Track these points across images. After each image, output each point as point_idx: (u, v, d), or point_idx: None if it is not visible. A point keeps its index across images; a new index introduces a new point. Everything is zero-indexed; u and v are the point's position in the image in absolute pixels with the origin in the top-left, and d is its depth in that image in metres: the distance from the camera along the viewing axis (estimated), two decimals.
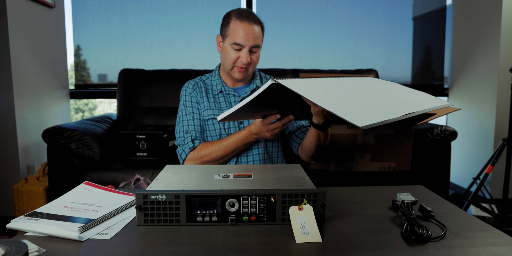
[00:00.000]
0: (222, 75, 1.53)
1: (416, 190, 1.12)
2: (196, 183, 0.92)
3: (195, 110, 1.49)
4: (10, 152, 2.18)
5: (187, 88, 1.52)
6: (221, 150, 1.38)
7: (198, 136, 1.45)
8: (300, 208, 0.82)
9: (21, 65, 2.22)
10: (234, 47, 1.38)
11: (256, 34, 1.38)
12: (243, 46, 1.37)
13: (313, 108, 1.10)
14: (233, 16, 1.40)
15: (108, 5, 2.87)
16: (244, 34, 1.36)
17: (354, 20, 3.05)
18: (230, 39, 1.38)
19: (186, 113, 1.48)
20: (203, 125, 1.49)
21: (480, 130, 2.73)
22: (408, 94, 1.01)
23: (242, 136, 1.35)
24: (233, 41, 1.38)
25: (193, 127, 1.46)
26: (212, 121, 1.47)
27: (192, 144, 1.41)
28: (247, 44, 1.37)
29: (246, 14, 1.39)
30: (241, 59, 1.39)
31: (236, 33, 1.37)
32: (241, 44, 1.37)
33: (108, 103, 3.65)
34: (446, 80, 3.14)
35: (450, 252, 0.71)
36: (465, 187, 2.64)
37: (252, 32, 1.37)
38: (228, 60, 1.41)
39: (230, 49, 1.40)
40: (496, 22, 2.57)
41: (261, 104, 1.07)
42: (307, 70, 2.51)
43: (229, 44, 1.39)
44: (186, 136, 1.44)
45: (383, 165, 1.80)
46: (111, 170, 1.89)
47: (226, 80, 1.52)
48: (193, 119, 1.47)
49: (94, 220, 0.82)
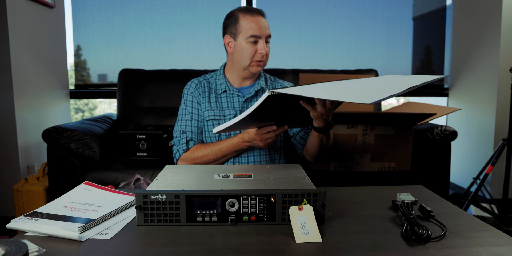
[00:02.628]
0: (227, 75, 1.52)
1: (416, 190, 1.12)
2: (196, 183, 0.92)
3: (195, 110, 1.49)
4: (10, 152, 2.18)
5: (189, 87, 1.52)
6: (212, 154, 1.39)
7: (194, 137, 1.46)
8: (300, 208, 0.82)
9: (21, 65, 2.22)
10: (250, 40, 1.39)
11: (267, 25, 1.43)
12: (260, 38, 1.40)
13: (312, 113, 1.09)
14: (240, 13, 1.42)
15: (108, 5, 2.87)
16: (258, 25, 1.39)
17: (354, 20, 3.05)
18: (245, 33, 1.39)
19: (185, 113, 1.49)
20: (203, 126, 1.49)
21: (480, 130, 2.73)
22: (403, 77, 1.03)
23: (234, 142, 1.35)
24: (249, 35, 1.39)
25: (190, 127, 1.46)
26: (212, 122, 1.47)
27: (186, 146, 1.43)
28: (263, 35, 1.40)
29: (252, 8, 1.44)
30: (259, 51, 1.40)
31: (250, 26, 1.39)
32: (257, 36, 1.39)
33: (108, 103, 3.65)
34: (446, 80, 3.14)
35: (450, 252, 0.71)
36: (465, 187, 2.64)
37: (265, 23, 1.42)
38: (245, 56, 1.41)
39: (246, 44, 1.40)
40: (496, 22, 2.57)
41: (258, 116, 1.07)
42: (307, 70, 2.50)
43: (245, 39, 1.40)
44: (182, 136, 1.45)
45: (383, 165, 1.80)
46: (111, 170, 1.89)
47: (232, 79, 1.51)
48: (191, 120, 1.47)
49: (94, 220, 0.82)
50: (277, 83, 1.57)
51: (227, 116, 1.47)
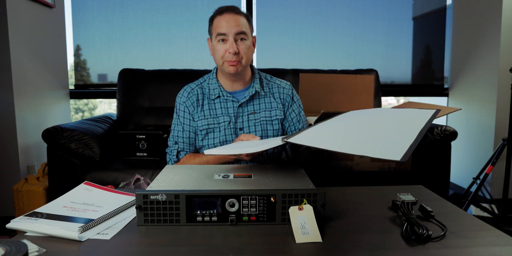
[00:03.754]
0: (220, 78, 1.47)
1: (416, 190, 1.12)
2: (196, 183, 0.92)
3: (186, 120, 1.46)
4: (10, 152, 2.18)
5: (182, 96, 1.48)
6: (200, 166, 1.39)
7: (186, 147, 1.46)
8: (300, 208, 0.82)
9: (21, 65, 2.22)
10: (219, 38, 1.35)
11: (239, 22, 1.35)
12: (227, 35, 1.34)
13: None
14: (215, 14, 1.39)
15: (108, 5, 2.87)
16: (225, 23, 1.34)
17: (354, 20, 3.05)
18: (214, 33, 1.37)
19: (178, 123, 1.48)
20: (198, 135, 1.46)
21: (480, 130, 2.73)
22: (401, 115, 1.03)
23: (220, 156, 1.34)
24: (216, 33, 1.36)
25: (181, 138, 1.46)
26: (207, 131, 1.44)
27: (176, 157, 1.46)
28: (230, 32, 1.34)
29: (226, 8, 1.38)
30: (228, 50, 1.34)
31: (218, 25, 1.36)
32: (223, 33, 1.34)
33: (108, 103, 3.65)
34: (446, 80, 3.14)
35: (450, 252, 0.71)
36: (465, 187, 2.64)
37: (233, 20, 1.34)
38: (217, 56, 1.38)
39: (217, 44, 1.37)
40: (496, 22, 2.57)
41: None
42: (307, 70, 2.50)
43: (215, 39, 1.37)
44: (174, 147, 1.47)
45: (383, 165, 1.80)
46: (111, 170, 1.89)
47: (224, 83, 1.46)
48: (182, 131, 1.46)
49: (94, 220, 0.82)
50: (273, 83, 1.52)
51: (221, 124, 1.42)
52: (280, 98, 1.49)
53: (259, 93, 1.46)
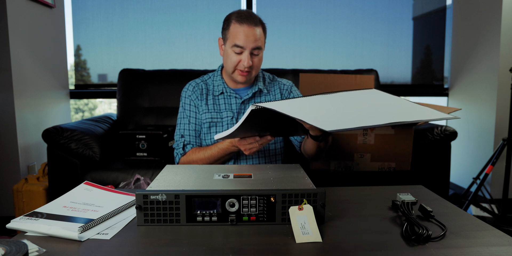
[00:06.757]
0: (224, 76, 1.52)
1: (416, 190, 1.12)
2: (196, 183, 0.92)
3: (192, 113, 1.49)
4: (10, 152, 2.18)
5: (187, 90, 1.52)
6: (206, 158, 1.40)
7: (192, 140, 1.48)
8: (300, 208, 0.82)
9: (21, 65, 2.22)
10: (235, 49, 1.36)
11: (257, 36, 1.36)
12: (244, 48, 1.35)
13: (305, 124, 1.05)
14: (233, 19, 1.37)
15: (108, 5, 2.87)
16: (244, 36, 1.34)
17: (354, 20, 3.05)
18: (231, 41, 1.37)
19: (184, 117, 1.50)
20: (201, 129, 1.49)
21: (480, 130, 2.73)
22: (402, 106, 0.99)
23: (224, 146, 1.35)
24: (233, 43, 1.36)
25: (188, 131, 1.48)
26: (209, 124, 1.48)
27: (183, 150, 1.46)
28: (248, 46, 1.35)
29: (246, 16, 1.36)
30: (242, 63, 1.37)
31: (236, 36, 1.35)
32: (241, 46, 1.35)
33: (108, 103, 3.65)
34: (446, 80, 3.14)
35: (450, 252, 0.71)
36: (465, 187, 2.64)
37: (252, 35, 1.35)
38: (229, 64, 1.40)
39: (231, 52, 1.38)
40: (496, 22, 2.57)
41: (251, 126, 1.06)
42: (307, 70, 2.50)
43: (230, 47, 1.37)
44: (180, 140, 1.48)
45: (383, 165, 1.81)
46: (111, 170, 1.89)
47: (228, 81, 1.51)
48: (189, 123, 1.48)
49: (94, 220, 0.82)
50: (275, 82, 1.56)
51: (224, 119, 1.47)
52: (281, 94, 1.55)
53: (262, 91, 1.51)
